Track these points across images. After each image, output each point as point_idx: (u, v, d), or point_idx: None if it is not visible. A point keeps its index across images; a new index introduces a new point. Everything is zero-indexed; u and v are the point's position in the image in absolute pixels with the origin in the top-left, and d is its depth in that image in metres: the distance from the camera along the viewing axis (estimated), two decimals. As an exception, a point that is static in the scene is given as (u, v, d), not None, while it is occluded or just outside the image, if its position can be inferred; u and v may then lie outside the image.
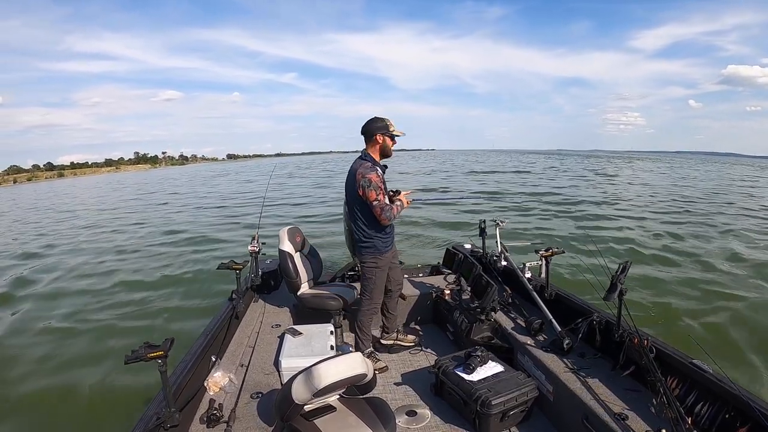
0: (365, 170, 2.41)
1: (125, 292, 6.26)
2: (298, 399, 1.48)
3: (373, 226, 2.51)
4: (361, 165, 2.45)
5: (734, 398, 1.58)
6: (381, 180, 2.45)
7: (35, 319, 5.39)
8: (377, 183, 2.40)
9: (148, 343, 1.57)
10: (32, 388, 3.75)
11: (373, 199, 2.40)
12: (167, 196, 22.25)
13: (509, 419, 2.06)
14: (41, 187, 53.24)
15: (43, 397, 3.59)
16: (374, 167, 2.45)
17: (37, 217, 17.34)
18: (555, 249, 2.90)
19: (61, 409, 3.44)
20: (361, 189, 2.40)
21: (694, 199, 15.04)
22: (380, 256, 2.59)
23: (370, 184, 2.38)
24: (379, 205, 2.41)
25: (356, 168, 2.45)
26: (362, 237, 2.55)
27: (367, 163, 2.47)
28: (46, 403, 3.52)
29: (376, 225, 2.51)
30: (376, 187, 2.39)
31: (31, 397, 3.61)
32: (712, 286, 5.66)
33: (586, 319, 2.27)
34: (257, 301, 3.27)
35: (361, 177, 2.39)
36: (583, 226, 9.82)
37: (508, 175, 27.37)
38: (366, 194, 2.40)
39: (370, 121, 2.51)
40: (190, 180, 38.08)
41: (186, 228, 11.35)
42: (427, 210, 11.45)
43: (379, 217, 2.44)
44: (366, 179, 2.38)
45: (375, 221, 2.48)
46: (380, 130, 2.47)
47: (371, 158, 2.51)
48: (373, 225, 2.51)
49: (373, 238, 2.54)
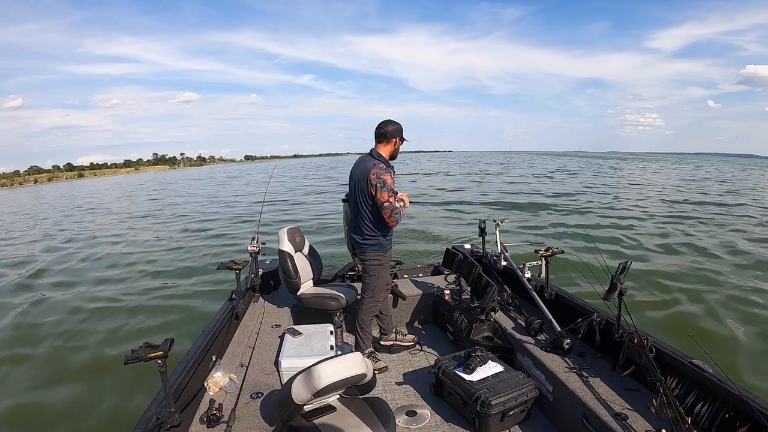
0: (380, 171, 2.43)
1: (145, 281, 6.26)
2: (298, 399, 1.48)
3: (379, 226, 2.54)
4: (375, 165, 2.46)
5: (734, 398, 1.58)
6: (393, 182, 2.49)
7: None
8: (390, 185, 2.44)
9: (148, 343, 1.57)
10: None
11: (385, 200, 2.42)
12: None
13: (509, 419, 2.06)
14: (71, 186, 52.57)
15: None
16: (388, 169, 2.49)
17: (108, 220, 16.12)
18: (555, 249, 2.90)
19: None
20: (374, 189, 2.42)
21: (702, 200, 14.97)
22: (384, 254, 2.62)
23: (384, 185, 2.41)
24: (390, 207, 2.44)
25: (369, 167, 2.46)
26: (368, 235, 2.57)
27: (381, 164, 2.49)
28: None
29: (382, 224, 2.54)
30: (389, 189, 2.43)
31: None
32: (712, 286, 5.67)
33: (586, 319, 2.27)
34: (257, 301, 3.27)
35: (375, 178, 2.41)
36: (584, 225, 9.84)
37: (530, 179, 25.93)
38: (379, 195, 2.42)
39: (388, 123, 2.54)
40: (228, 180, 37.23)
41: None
42: (427, 210, 11.46)
43: (388, 218, 2.48)
44: (381, 180, 2.41)
45: (382, 221, 2.51)
46: (399, 134, 2.56)
47: (384, 159, 2.54)
48: (379, 224, 2.54)
49: (379, 236, 2.57)
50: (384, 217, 2.47)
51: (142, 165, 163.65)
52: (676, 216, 11.41)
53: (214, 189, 26.85)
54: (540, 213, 11.91)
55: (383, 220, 2.50)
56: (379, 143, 2.56)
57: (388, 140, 2.54)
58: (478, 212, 11.56)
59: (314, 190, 21.75)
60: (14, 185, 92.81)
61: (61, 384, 3.82)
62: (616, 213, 11.99)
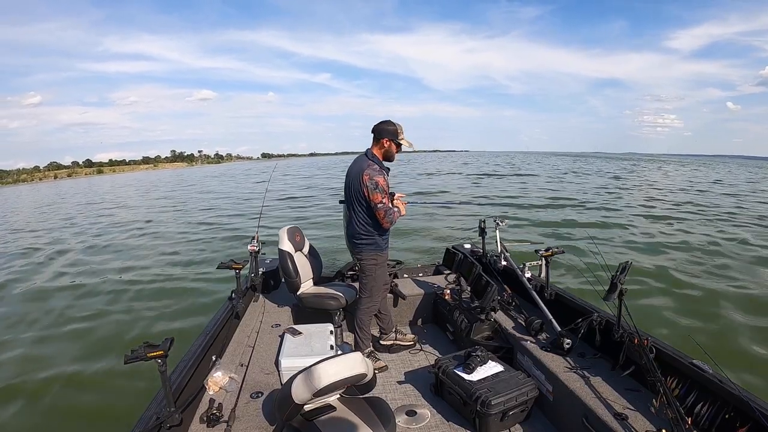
0: (373, 172, 2.42)
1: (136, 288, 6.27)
2: (298, 399, 1.48)
3: (374, 225, 2.53)
4: (369, 166, 2.45)
5: (734, 398, 1.58)
6: (387, 184, 2.47)
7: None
8: (383, 186, 2.43)
9: (148, 342, 1.56)
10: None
11: (378, 201, 2.42)
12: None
13: (509, 419, 2.06)
14: (98, 181, 51.91)
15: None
16: (381, 171, 2.47)
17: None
18: (555, 249, 2.90)
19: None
20: (367, 190, 2.41)
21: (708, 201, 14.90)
22: (381, 254, 2.61)
23: (376, 186, 2.40)
24: (384, 208, 2.44)
25: (363, 168, 2.45)
26: (363, 234, 2.56)
27: (374, 165, 2.47)
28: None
29: (377, 224, 2.53)
30: (382, 190, 2.42)
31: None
32: (712, 286, 5.67)
33: (586, 319, 2.26)
34: (257, 301, 3.27)
35: (368, 179, 2.40)
36: (584, 225, 9.84)
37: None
38: (371, 196, 2.42)
39: (382, 123, 2.52)
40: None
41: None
42: (427, 210, 11.45)
43: (382, 219, 2.47)
44: (373, 182, 2.40)
45: (377, 220, 2.51)
46: (389, 135, 2.49)
47: (377, 160, 2.52)
48: (374, 224, 2.53)
49: (374, 235, 2.56)
50: (378, 217, 2.47)
51: (160, 162, 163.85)
52: (675, 216, 11.42)
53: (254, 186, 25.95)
54: (539, 213, 11.91)
55: (378, 220, 2.50)
56: (373, 143, 2.54)
57: (377, 140, 2.51)
58: (479, 212, 11.56)
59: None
60: (34, 180, 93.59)
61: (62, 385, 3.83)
62: (616, 213, 11.99)
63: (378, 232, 2.56)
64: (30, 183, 79.29)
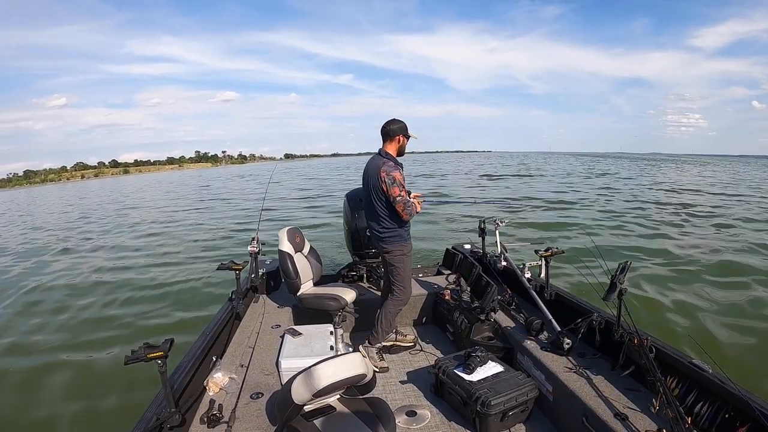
0: (389, 168, 2.52)
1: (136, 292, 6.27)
2: (298, 399, 1.48)
3: (396, 218, 2.62)
4: (385, 163, 2.56)
5: (734, 398, 1.58)
6: (403, 178, 2.57)
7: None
8: (400, 180, 2.52)
9: (148, 343, 1.57)
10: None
11: (397, 195, 2.51)
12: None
13: (509, 419, 2.06)
14: (132, 180, 51.05)
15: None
16: (397, 166, 2.58)
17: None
18: (555, 249, 2.90)
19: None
20: (386, 185, 2.51)
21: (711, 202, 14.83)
22: (405, 244, 2.70)
23: (394, 181, 2.50)
24: (402, 201, 2.54)
25: (379, 165, 2.55)
26: (387, 228, 2.65)
27: (390, 162, 2.59)
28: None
29: (398, 217, 2.61)
30: (399, 184, 2.52)
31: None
32: (713, 285, 5.66)
33: (586, 319, 2.26)
34: (257, 302, 3.27)
35: (385, 175, 2.50)
36: (584, 225, 9.83)
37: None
38: (390, 191, 2.51)
39: (392, 122, 2.64)
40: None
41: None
42: (427, 210, 11.45)
43: (402, 212, 2.56)
44: (391, 177, 2.50)
45: (397, 214, 2.59)
46: (403, 131, 2.64)
47: (391, 157, 2.63)
48: (395, 217, 2.62)
49: (397, 227, 2.65)
50: (398, 211, 2.56)
51: (184, 162, 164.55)
52: (677, 216, 11.40)
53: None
54: (540, 213, 11.90)
55: (398, 213, 2.58)
56: (385, 142, 2.65)
57: (392, 138, 2.63)
58: (479, 213, 11.55)
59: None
60: (62, 180, 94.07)
61: (62, 383, 3.83)
62: (616, 213, 11.98)
63: (399, 225, 2.65)
64: (57, 183, 79.76)
